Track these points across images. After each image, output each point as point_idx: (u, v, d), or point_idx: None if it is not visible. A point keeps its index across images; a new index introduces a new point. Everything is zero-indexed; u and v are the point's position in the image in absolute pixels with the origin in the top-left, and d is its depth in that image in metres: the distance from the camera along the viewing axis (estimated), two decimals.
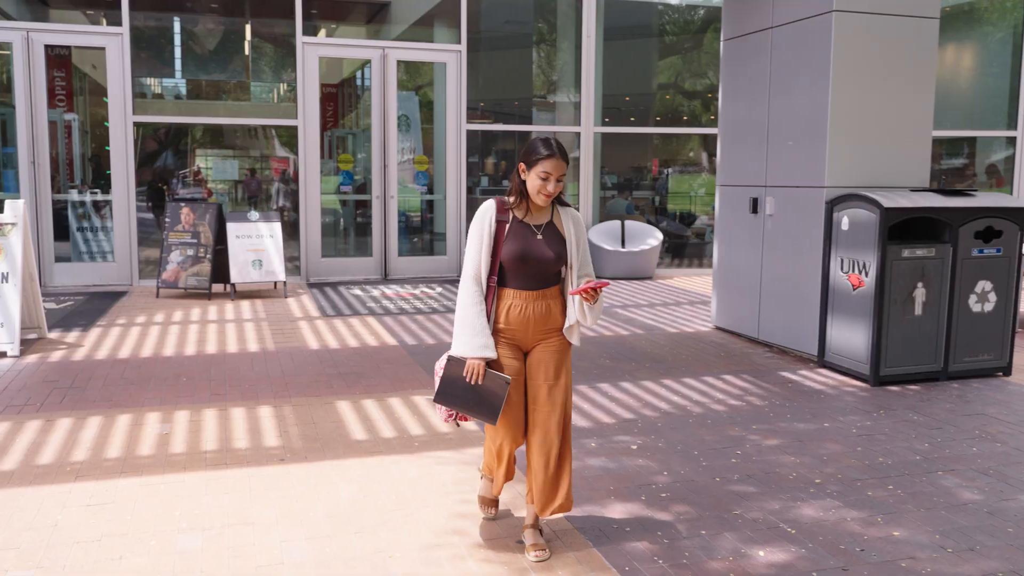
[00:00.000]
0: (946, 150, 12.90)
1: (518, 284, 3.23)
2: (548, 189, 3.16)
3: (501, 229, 3.22)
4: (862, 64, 6.33)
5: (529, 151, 3.20)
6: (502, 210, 3.25)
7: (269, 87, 11.53)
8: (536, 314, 3.24)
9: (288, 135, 10.93)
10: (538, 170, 3.15)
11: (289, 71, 10.73)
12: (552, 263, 3.23)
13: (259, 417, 5.06)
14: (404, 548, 3.38)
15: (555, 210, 3.33)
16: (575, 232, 3.30)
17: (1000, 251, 6.09)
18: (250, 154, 11.42)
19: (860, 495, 3.98)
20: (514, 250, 3.19)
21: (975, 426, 5.05)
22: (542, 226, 3.26)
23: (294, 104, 10.55)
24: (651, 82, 13.21)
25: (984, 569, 3.26)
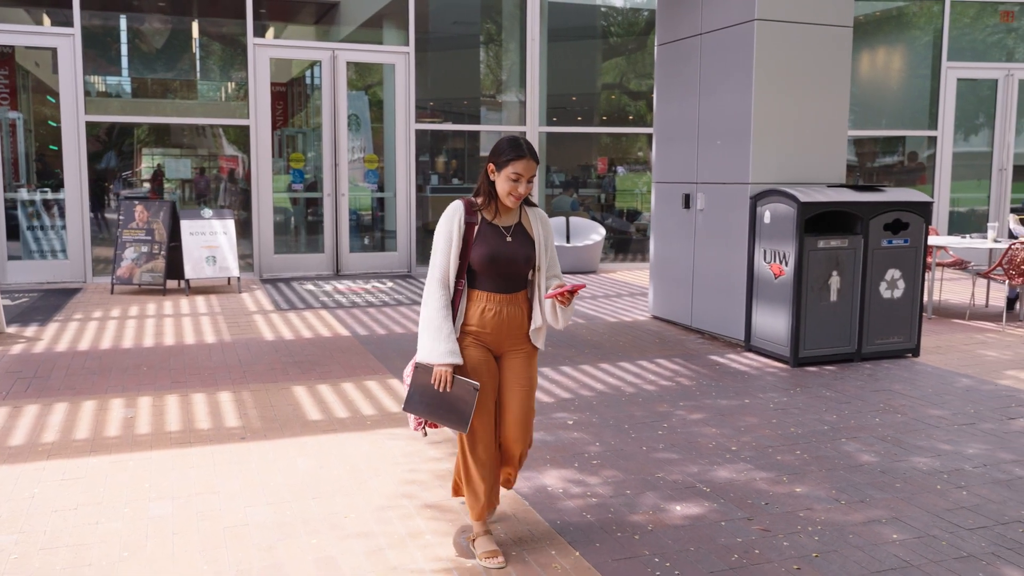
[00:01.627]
0: (881, 148, 13.57)
1: (489, 286, 3.16)
2: (519, 191, 3.10)
3: (470, 231, 3.13)
4: (782, 69, 6.82)
5: (499, 151, 3.11)
6: (470, 211, 3.15)
7: (221, 87, 11.73)
8: (510, 317, 3.18)
9: (236, 134, 11.16)
10: (508, 171, 3.07)
11: (240, 71, 10.95)
12: (522, 265, 3.17)
13: (219, 401, 5.36)
14: (358, 510, 3.73)
15: (523, 211, 3.26)
16: (544, 233, 3.25)
17: (907, 242, 6.63)
18: (198, 153, 11.60)
19: (770, 459, 4.43)
20: (484, 253, 3.11)
21: (880, 400, 5.56)
22: (511, 227, 3.19)
23: (246, 104, 10.78)
24: (596, 82, 13.66)
25: (870, 516, 3.72)
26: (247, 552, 3.32)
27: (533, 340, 3.27)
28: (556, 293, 3.07)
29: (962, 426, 5.02)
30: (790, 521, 3.67)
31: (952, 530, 3.60)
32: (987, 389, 5.83)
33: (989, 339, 7.50)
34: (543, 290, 3.23)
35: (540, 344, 3.28)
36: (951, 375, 6.21)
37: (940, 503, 3.88)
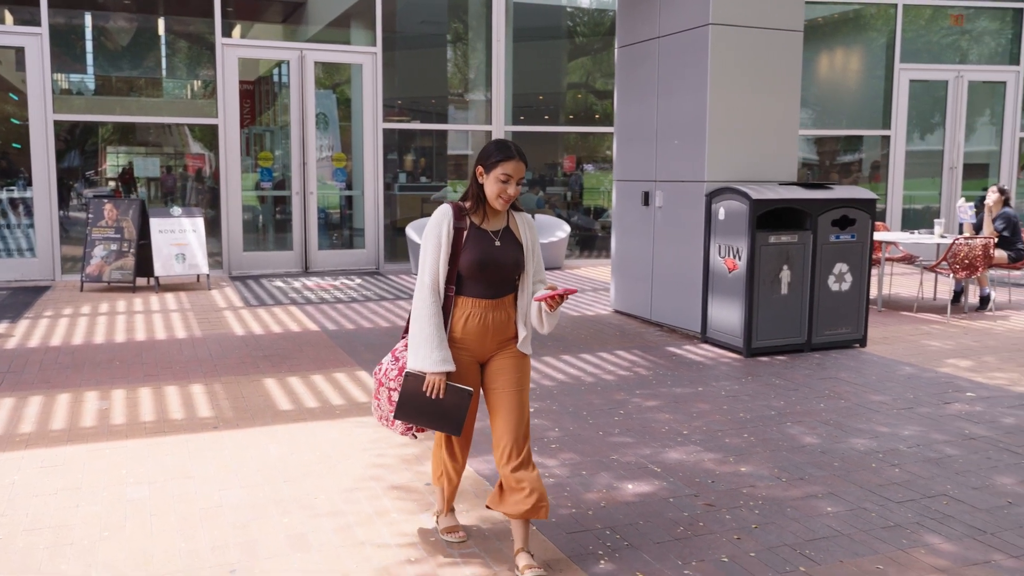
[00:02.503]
0: (842, 147, 13.94)
1: (476, 292, 3.11)
2: (508, 193, 3.07)
3: (459, 236, 3.09)
4: (736, 72, 7.10)
5: (487, 154, 3.09)
6: (459, 216, 3.11)
7: (189, 86, 11.81)
8: (495, 323, 3.14)
9: (202, 132, 11.26)
10: (497, 173, 3.05)
11: (208, 70, 11.06)
12: (511, 270, 3.13)
13: (192, 393, 5.53)
14: (328, 491, 3.94)
15: (510, 215, 3.23)
16: (531, 238, 3.22)
17: (854, 237, 6.94)
18: (163, 151, 11.68)
19: (719, 442, 4.69)
20: (474, 258, 3.07)
21: (826, 387, 5.85)
22: (500, 232, 3.16)
23: (214, 102, 10.88)
24: (562, 82, 13.90)
25: (808, 492, 3.99)
26: (222, 530, 3.52)
27: (521, 348, 3.20)
28: (546, 296, 3.02)
29: (901, 410, 5.32)
30: (733, 497, 3.93)
31: (882, 503, 3.87)
32: (927, 376, 6.15)
33: (934, 330, 7.85)
34: (529, 295, 3.18)
35: (527, 350, 3.22)
36: (895, 364, 6.53)
37: (873, 479, 4.16)
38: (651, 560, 3.31)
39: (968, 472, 4.27)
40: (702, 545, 3.44)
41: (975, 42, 13.43)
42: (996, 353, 6.91)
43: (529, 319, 3.19)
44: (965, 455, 4.52)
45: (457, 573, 3.18)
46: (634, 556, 3.34)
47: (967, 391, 5.76)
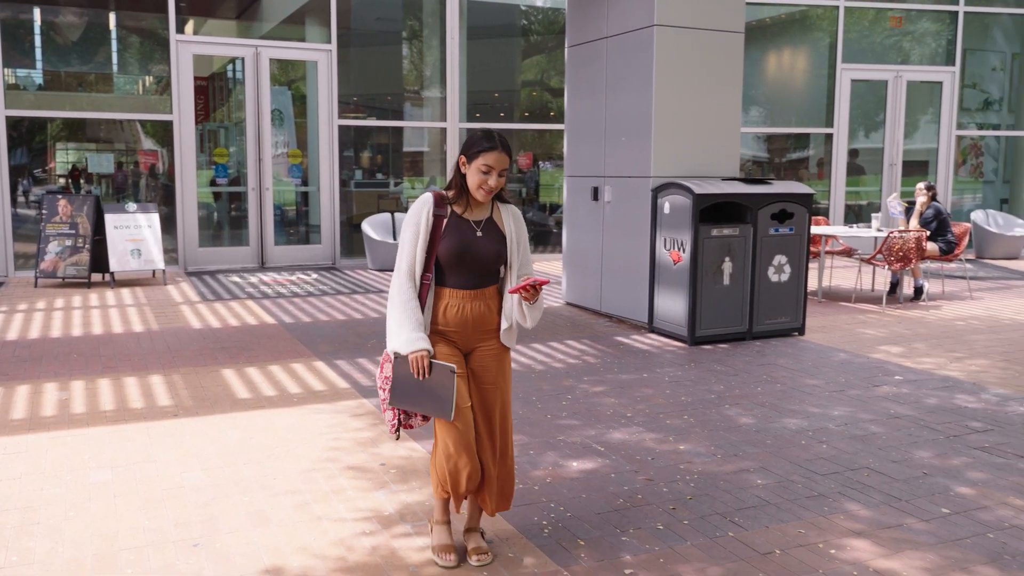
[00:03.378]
0: (792, 144, 14.35)
1: (455, 282, 3.09)
2: (490, 184, 3.03)
3: (438, 224, 3.06)
4: (680, 71, 7.37)
5: (470, 144, 3.06)
6: (440, 204, 3.09)
7: (143, 82, 11.81)
8: (474, 314, 3.11)
9: (155, 129, 11.28)
10: (479, 163, 3.01)
11: (162, 66, 11.08)
12: (492, 261, 3.10)
13: (151, 384, 5.65)
14: (286, 473, 4.11)
15: (495, 206, 3.18)
16: (516, 230, 3.17)
17: (792, 230, 7.26)
18: (114, 147, 11.67)
19: (660, 423, 4.95)
20: (452, 247, 3.04)
21: (764, 372, 6.15)
22: (482, 222, 3.12)
23: (168, 99, 10.91)
24: (517, 79, 14.12)
25: (740, 467, 4.26)
26: (184, 509, 3.68)
27: (503, 340, 3.19)
28: (519, 287, 2.99)
29: (832, 393, 5.63)
30: (671, 472, 4.18)
31: (808, 476, 4.16)
32: (859, 362, 6.48)
33: (870, 319, 8.22)
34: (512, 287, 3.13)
35: (511, 343, 3.21)
36: (830, 350, 6.86)
37: (802, 455, 4.45)
38: (591, 529, 3.54)
39: (890, 447, 4.58)
40: (640, 515, 3.68)
41: (915, 43, 13.93)
42: (926, 340, 7.28)
43: (512, 312, 3.14)
44: (888, 432, 4.83)
45: (411, 544, 3.38)
46: (576, 526, 3.57)
47: (895, 375, 6.10)
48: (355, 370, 6.09)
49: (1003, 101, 14.62)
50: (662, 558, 3.29)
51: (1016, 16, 14.17)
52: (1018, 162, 14.70)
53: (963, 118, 14.18)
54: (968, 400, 5.48)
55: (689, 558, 3.29)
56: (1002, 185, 14.88)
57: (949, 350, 6.90)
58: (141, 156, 11.58)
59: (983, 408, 5.30)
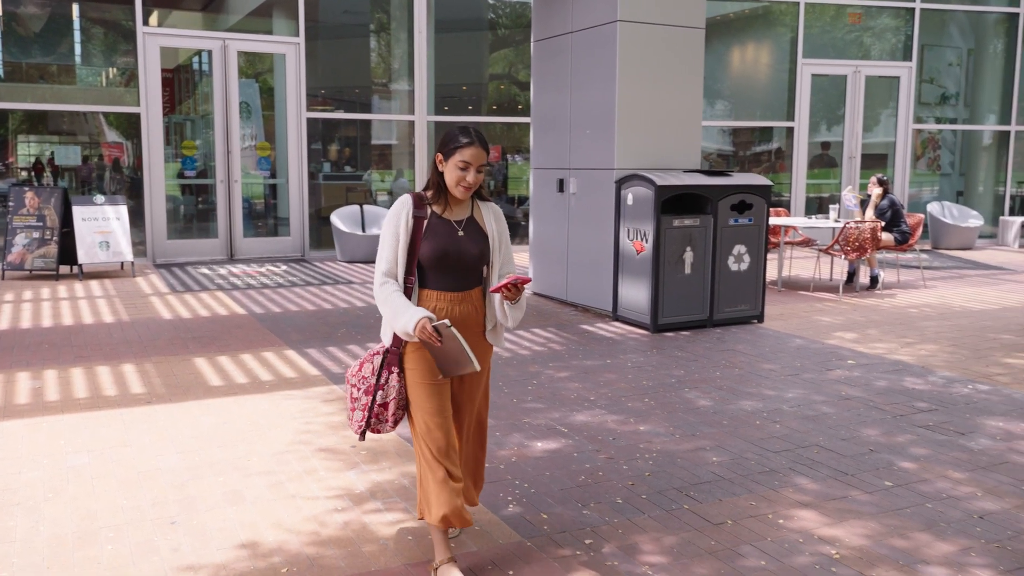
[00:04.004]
0: (757, 138, 14.61)
1: (440, 285, 3.02)
2: (468, 180, 2.96)
3: (419, 226, 2.99)
4: (642, 66, 7.56)
5: (446, 140, 2.98)
6: (419, 205, 3.01)
7: (108, 74, 11.78)
8: (462, 317, 3.03)
9: (120, 121, 11.27)
10: (456, 160, 2.94)
11: (129, 58, 11.07)
12: (475, 262, 3.03)
13: (123, 372, 5.74)
14: (260, 455, 4.24)
15: (475, 204, 3.12)
16: (497, 228, 3.12)
17: (751, 220, 7.48)
18: (78, 140, 11.64)
19: (622, 406, 5.13)
20: (434, 248, 2.97)
21: (723, 358, 6.37)
22: (463, 222, 3.05)
23: (135, 91, 10.91)
24: (485, 73, 14.24)
25: (697, 446, 4.46)
26: (162, 490, 3.80)
27: (490, 340, 3.16)
28: (501, 286, 2.91)
29: (787, 376, 5.86)
30: (631, 451, 4.37)
31: (761, 453, 4.36)
32: (815, 347, 6.72)
33: (827, 307, 8.48)
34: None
35: (499, 344, 3.19)
36: (787, 337, 7.10)
37: (756, 434, 4.66)
38: (554, 503, 3.71)
39: (839, 426, 4.80)
40: (600, 490, 3.86)
41: (875, 39, 14.25)
42: (879, 327, 7.54)
43: (495, 312, 3.09)
44: (839, 412, 5.06)
45: (381, 519, 3.53)
46: (540, 501, 3.74)
47: (848, 359, 6.34)
48: (325, 358, 6.21)
49: (959, 96, 15.00)
50: (620, 529, 3.47)
51: (972, 13, 14.54)
52: (973, 155, 15.10)
53: (921, 112, 14.54)
54: (916, 382, 5.73)
55: (646, 529, 3.48)
56: (958, 178, 15.28)
57: (901, 336, 7.17)
58: (107, 149, 11.57)
59: (929, 390, 5.55)
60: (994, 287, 9.86)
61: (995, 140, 14.99)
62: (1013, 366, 6.18)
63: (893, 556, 3.25)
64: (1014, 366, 6.18)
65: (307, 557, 3.20)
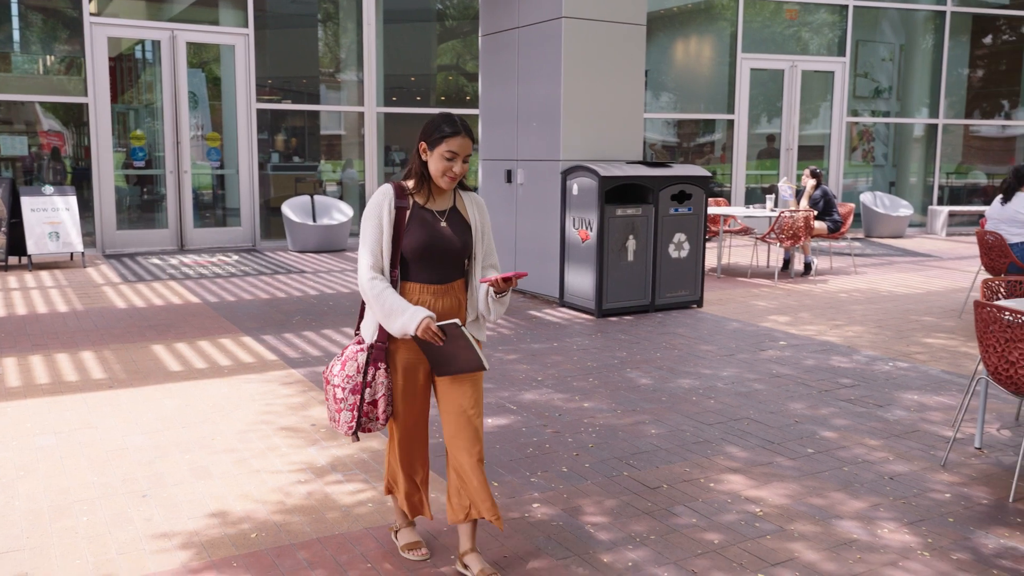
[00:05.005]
0: (702, 129, 15.02)
1: (423, 277, 2.93)
2: (454, 171, 2.88)
3: (401, 217, 2.90)
4: (586, 61, 7.85)
5: (431, 129, 2.91)
6: (401, 195, 2.92)
7: (53, 64, 11.70)
8: (446, 310, 2.95)
9: (68, 111, 11.24)
10: (442, 149, 2.86)
11: (76, 48, 11.03)
12: (458, 253, 2.95)
13: (83, 359, 5.86)
14: (223, 434, 4.44)
15: (457, 195, 3.04)
16: (480, 218, 3.04)
17: (691, 210, 7.83)
18: (23, 130, 11.55)
19: (568, 385, 5.43)
20: (417, 239, 2.89)
21: (664, 340, 6.71)
22: (445, 212, 2.97)
23: (82, 81, 10.89)
24: (433, 63, 14.42)
25: (637, 420, 4.78)
26: (130, 467, 3.99)
27: (473, 332, 3.05)
28: (493, 279, 2.87)
29: (723, 357, 6.21)
30: (576, 425, 4.67)
31: (696, 426, 4.69)
32: (750, 330, 7.10)
33: (763, 292, 8.89)
34: (478, 279, 3.02)
35: (481, 336, 3.08)
36: (724, 320, 7.47)
37: (692, 409, 4.99)
38: (504, 473, 3.99)
39: (769, 401, 5.16)
40: (547, 461, 4.15)
41: (813, 34, 14.76)
42: (811, 310, 7.96)
43: (477, 304, 3.02)
44: (769, 389, 5.42)
45: (342, 489, 3.77)
46: (490, 471, 4.01)
47: (780, 341, 6.73)
48: (282, 344, 6.40)
49: (892, 90, 15.61)
50: (565, 494, 3.76)
51: (903, 10, 15.13)
52: (904, 148, 15.73)
53: (857, 105, 15.11)
54: (841, 361, 6.13)
55: (589, 493, 3.77)
56: (891, 169, 15.91)
57: (830, 319, 7.59)
58: (52, 139, 11.50)
59: (853, 367, 5.95)
60: (920, 273, 10.39)
61: (925, 133, 15.63)
62: (931, 345, 6.63)
63: (810, 512, 3.59)
64: (932, 345, 6.63)
65: (274, 524, 3.43)
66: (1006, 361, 3.82)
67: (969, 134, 16.18)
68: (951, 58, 15.41)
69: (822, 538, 3.36)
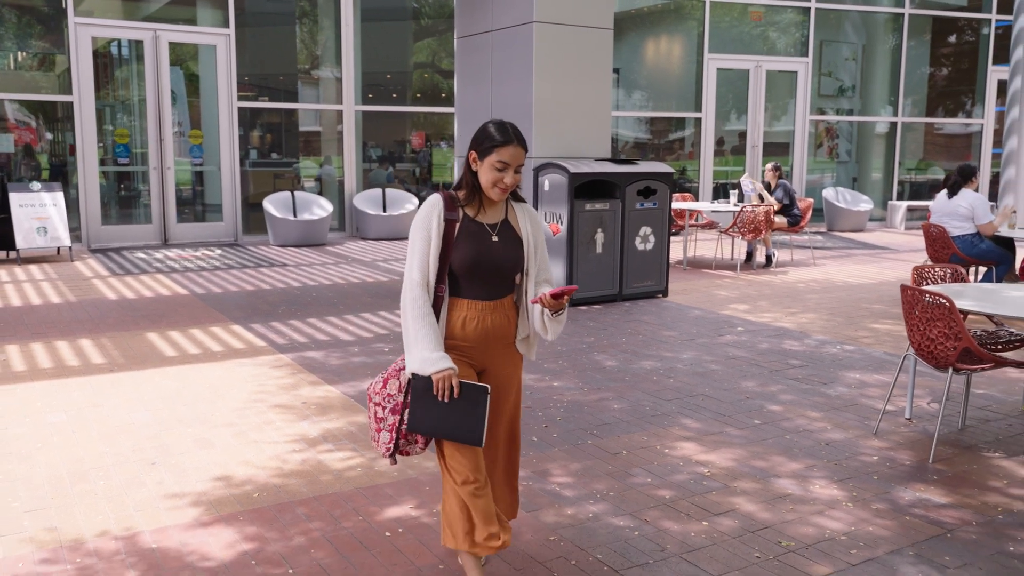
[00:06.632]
0: (673, 127, 15.49)
1: (472, 293, 2.81)
2: (505, 181, 2.75)
3: (451, 229, 2.77)
4: (557, 63, 8.27)
5: (482, 138, 2.78)
6: (451, 207, 2.79)
7: (40, 62, 11.94)
8: (495, 327, 2.84)
9: (53, 109, 11.51)
10: (493, 159, 2.73)
11: (60, 47, 11.28)
12: (510, 269, 2.83)
13: (82, 346, 6.21)
14: (221, 411, 4.83)
15: (509, 206, 2.91)
16: (532, 231, 2.90)
17: (656, 204, 8.28)
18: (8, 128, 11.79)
19: (538, 367, 5.86)
20: (467, 254, 2.76)
21: (629, 327, 7.15)
22: (497, 225, 2.84)
23: (67, 79, 11.15)
24: (409, 61, 14.78)
25: (602, 397, 5.21)
26: (138, 439, 4.36)
27: (521, 351, 2.96)
28: (543, 297, 2.73)
29: (684, 341, 6.67)
30: (546, 402, 5.09)
31: (655, 402, 5.14)
32: (711, 317, 7.56)
33: (725, 283, 9.37)
34: (531, 296, 2.89)
35: (531, 355, 2.99)
36: (687, 308, 7.93)
37: (653, 387, 5.43)
38: None
39: (723, 380, 5.61)
40: None
41: (779, 35, 15.28)
42: (769, 299, 8.45)
43: (532, 323, 2.90)
44: (724, 369, 5.87)
45: (333, 457, 4.17)
46: None
47: (738, 327, 7.20)
48: (269, 331, 6.78)
49: (855, 88, 16.17)
50: (535, 460, 4.18)
51: (863, 12, 15.69)
52: (866, 145, 16.31)
53: (821, 103, 15.66)
54: (793, 344, 6.60)
55: (556, 459, 4.20)
56: (854, 165, 16.48)
57: (786, 307, 8.07)
58: (32, 135, 11.74)
59: (803, 350, 6.43)
60: (876, 264, 10.92)
61: (886, 130, 16.21)
62: (878, 330, 7.12)
63: (752, 472, 4.04)
64: (878, 330, 7.12)
65: (274, 485, 3.82)
66: (927, 338, 4.29)
67: (932, 131, 16.80)
68: (912, 58, 16.00)
69: (761, 493, 3.81)
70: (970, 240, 7.67)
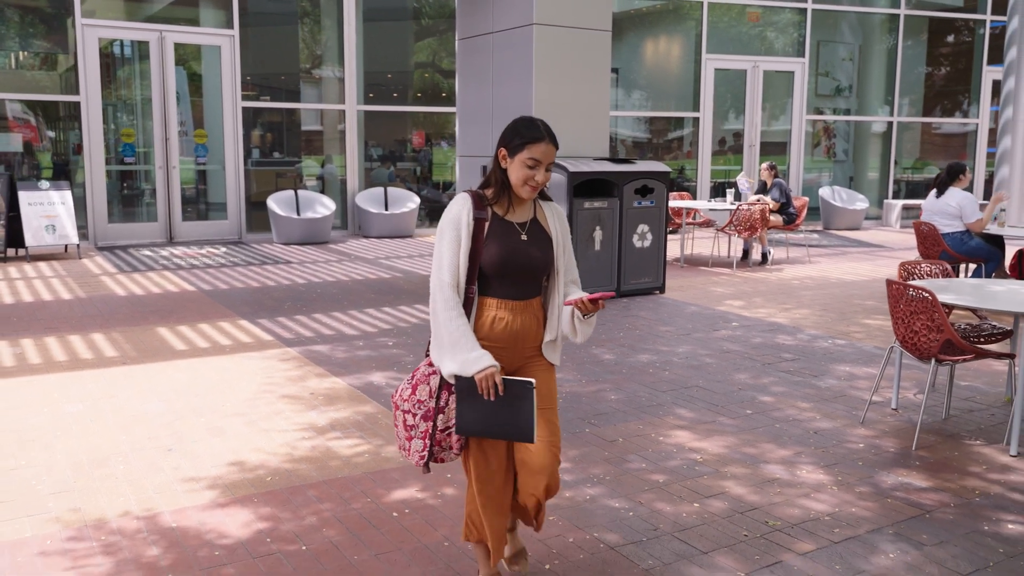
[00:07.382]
0: (672, 126, 15.65)
1: (501, 293, 2.76)
2: (537, 179, 2.71)
3: (480, 228, 2.73)
4: (556, 64, 8.44)
5: (512, 134, 2.73)
6: (479, 205, 2.74)
7: (43, 61, 12.12)
8: (523, 328, 2.78)
9: (61, 109, 11.69)
10: (524, 156, 2.68)
11: (68, 48, 11.46)
12: (539, 269, 2.78)
13: (94, 340, 6.39)
14: (232, 401, 5.01)
15: (537, 205, 2.87)
16: (560, 231, 2.87)
17: (653, 203, 8.46)
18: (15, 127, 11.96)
19: None
20: (497, 253, 2.72)
21: (627, 322, 7.33)
22: (526, 224, 2.80)
23: (74, 79, 11.33)
24: (410, 61, 14.95)
25: (599, 388, 5.39)
26: (153, 428, 4.54)
27: (546, 354, 2.87)
28: (577, 300, 2.69)
29: (680, 336, 6.85)
30: None
31: (651, 393, 5.32)
32: (707, 313, 7.74)
33: (721, 280, 9.55)
34: (560, 297, 2.84)
35: (555, 360, 2.91)
36: (684, 304, 8.11)
37: (649, 379, 5.61)
38: None
39: (718, 372, 5.80)
40: None
41: (777, 35, 15.45)
42: (764, 295, 8.63)
43: (560, 325, 2.85)
44: (719, 363, 6.05)
45: (341, 444, 4.35)
46: None
47: (733, 322, 7.38)
48: (276, 326, 6.96)
49: (852, 88, 16.35)
50: None
51: (860, 13, 15.87)
52: (862, 144, 16.49)
53: (819, 103, 15.83)
54: (786, 339, 6.78)
55: None
56: (851, 164, 16.66)
57: (781, 303, 8.26)
58: (35, 134, 11.91)
59: (796, 344, 6.61)
60: (870, 262, 11.10)
61: (883, 129, 16.39)
62: (869, 325, 7.30)
63: (742, 459, 4.23)
64: (870, 325, 7.30)
65: (285, 470, 4.00)
66: (911, 330, 4.47)
67: (928, 130, 16.98)
68: (908, 58, 16.18)
69: (750, 477, 3.99)
70: (959, 238, 7.85)
